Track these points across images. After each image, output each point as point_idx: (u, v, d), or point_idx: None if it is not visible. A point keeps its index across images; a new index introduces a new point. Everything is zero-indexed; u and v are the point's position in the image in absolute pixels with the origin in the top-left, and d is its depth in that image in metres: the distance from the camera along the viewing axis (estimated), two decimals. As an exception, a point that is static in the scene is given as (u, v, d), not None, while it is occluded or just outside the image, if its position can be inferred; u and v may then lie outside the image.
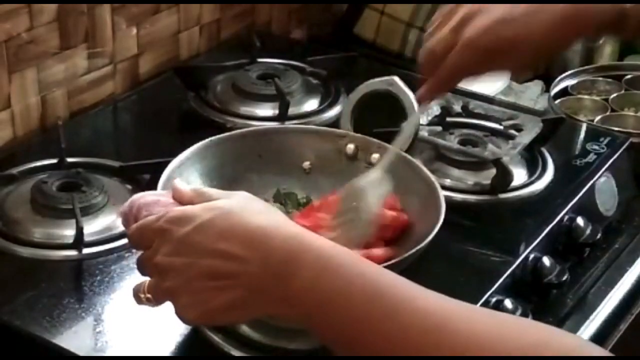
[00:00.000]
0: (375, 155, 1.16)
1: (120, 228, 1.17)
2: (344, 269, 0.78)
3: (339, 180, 1.16)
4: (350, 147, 1.18)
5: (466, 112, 1.40)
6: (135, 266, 1.11)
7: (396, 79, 1.20)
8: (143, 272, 0.87)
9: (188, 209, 0.85)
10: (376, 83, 1.22)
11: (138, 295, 0.88)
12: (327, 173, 1.18)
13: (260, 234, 0.80)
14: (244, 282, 0.80)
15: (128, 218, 0.90)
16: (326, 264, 0.78)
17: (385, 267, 0.97)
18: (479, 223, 1.26)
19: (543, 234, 1.22)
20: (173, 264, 0.83)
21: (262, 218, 0.82)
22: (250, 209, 0.84)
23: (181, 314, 0.84)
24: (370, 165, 1.16)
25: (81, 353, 1.01)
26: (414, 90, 1.18)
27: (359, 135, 1.19)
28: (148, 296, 0.87)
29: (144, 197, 0.91)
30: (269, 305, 0.80)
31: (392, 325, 0.75)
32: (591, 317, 1.21)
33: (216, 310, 0.82)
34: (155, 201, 0.90)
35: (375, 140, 1.18)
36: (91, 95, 1.49)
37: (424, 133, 1.32)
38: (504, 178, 1.28)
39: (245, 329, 1.02)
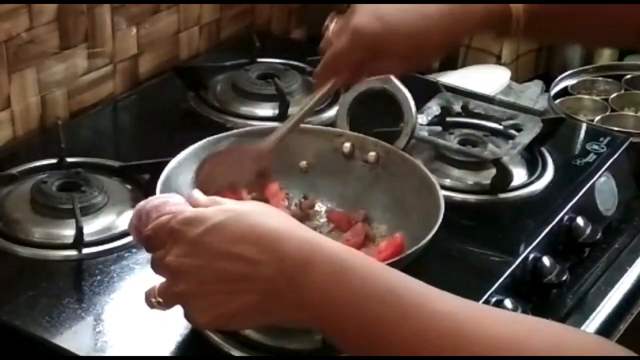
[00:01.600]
0: (372, 153, 1.16)
1: (120, 228, 1.18)
2: (357, 272, 0.78)
3: (336, 178, 1.16)
4: (347, 145, 1.18)
5: (466, 112, 1.40)
6: (135, 266, 1.12)
7: (392, 77, 1.19)
8: (155, 272, 0.87)
9: (201, 210, 0.85)
10: (372, 81, 1.21)
11: (149, 299, 0.87)
12: (324, 172, 1.18)
13: (273, 237, 0.80)
14: (256, 285, 0.79)
15: (140, 230, 0.90)
16: (340, 267, 0.78)
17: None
18: (479, 223, 1.26)
19: (543, 234, 1.22)
20: (184, 265, 0.82)
21: (275, 222, 0.82)
22: (264, 212, 0.83)
23: (192, 318, 0.84)
24: (367, 163, 1.17)
25: (81, 353, 1.01)
26: (410, 88, 1.18)
27: (355, 133, 1.19)
28: (159, 300, 0.85)
29: (149, 201, 0.90)
30: (282, 310, 0.80)
31: (408, 328, 0.74)
32: (591, 317, 1.21)
33: (228, 315, 0.81)
34: (164, 202, 0.89)
35: (371, 138, 1.18)
36: (91, 95, 1.49)
37: (424, 133, 1.32)
38: (504, 178, 1.28)
39: (245, 328, 1.02)
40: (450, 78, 1.66)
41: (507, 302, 1.12)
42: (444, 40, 1.12)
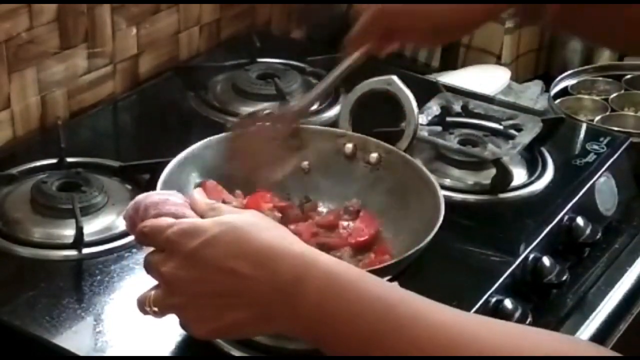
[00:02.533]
0: (374, 155, 1.16)
1: (120, 228, 1.18)
2: (351, 286, 0.78)
3: (338, 179, 1.16)
4: (349, 146, 1.18)
5: (466, 112, 1.40)
6: (135, 266, 1.12)
7: (395, 78, 1.20)
8: (148, 273, 0.87)
9: (198, 222, 0.85)
10: (374, 82, 1.22)
11: (143, 307, 0.87)
12: (325, 172, 1.18)
13: (267, 252, 0.80)
14: (250, 301, 0.80)
15: (134, 221, 0.90)
16: (333, 282, 0.78)
17: (385, 267, 0.98)
18: (479, 223, 1.26)
19: (543, 234, 1.22)
20: (180, 278, 0.83)
21: (270, 235, 0.82)
22: (259, 225, 0.83)
23: (188, 329, 0.84)
24: (368, 164, 1.16)
25: (81, 353, 1.01)
26: (410, 88, 1.18)
27: (357, 134, 1.19)
28: (154, 309, 0.86)
29: (150, 196, 0.91)
30: (277, 324, 0.80)
31: (402, 341, 0.74)
32: (591, 317, 1.21)
33: (223, 328, 0.82)
34: (164, 200, 0.89)
35: (373, 139, 1.18)
36: (91, 95, 1.49)
37: (424, 133, 1.32)
38: (504, 178, 1.28)
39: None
40: (450, 78, 1.66)
41: (507, 302, 1.12)
42: (463, 23, 1.16)
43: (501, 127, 1.38)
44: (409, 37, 1.21)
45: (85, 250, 1.15)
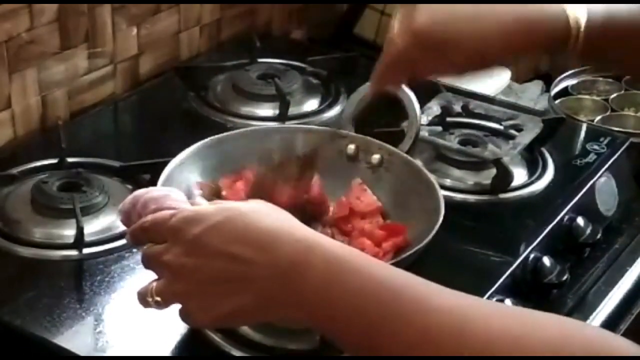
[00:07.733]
0: (376, 156, 1.16)
1: (121, 228, 1.17)
2: (355, 270, 0.77)
3: (339, 180, 1.16)
4: (351, 147, 1.18)
5: (466, 112, 1.40)
6: (135, 266, 1.12)
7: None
8: (147, 267, 0.87)
9: (201, 209, 0.85)
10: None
11: (145, 299, 0.87)
12: (327, 173, 1.17)
13: (269, 237, 0.80)
14: (254, 286, 0.79)
15: (131, 215, 0.89)
16: (336, 267, 0.77)
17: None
18: (479, 223, 1.26)
19: (543, 234, 1.22)
20: (184, 265, 0.82)
21: (272, 220, 0.82)
22: (262, 211, 0.83)
23: (191, 318, 0.84)
24: (371, 165, 1.16)
25: (81, 353, 1.01)
26: (415, 91, 1.18)
27: (359, 135, 1.19)
28: (157, 299, 0.85)
29: (149, 192, 0.90)
30: (280, 310, 0.80)
31: (409, 326, 0.74)
32: (591, 317, 1.22)
33: (226, 315, 0.81)
34: (164, 195, 0.89)
35: (375, 140, 1.18)
36: (91, 95, 1.50)
37: (424, 133, 1.32)
38: (504, 178, 1.28)
39: (245, 329, 1.02)
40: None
41: (507, 302, 1.12)
42: (502, 55, 1.09)
43: (501, 128, 1.39)
44: (446, 64, 1.09)
45: (86, 250, 1.15)
